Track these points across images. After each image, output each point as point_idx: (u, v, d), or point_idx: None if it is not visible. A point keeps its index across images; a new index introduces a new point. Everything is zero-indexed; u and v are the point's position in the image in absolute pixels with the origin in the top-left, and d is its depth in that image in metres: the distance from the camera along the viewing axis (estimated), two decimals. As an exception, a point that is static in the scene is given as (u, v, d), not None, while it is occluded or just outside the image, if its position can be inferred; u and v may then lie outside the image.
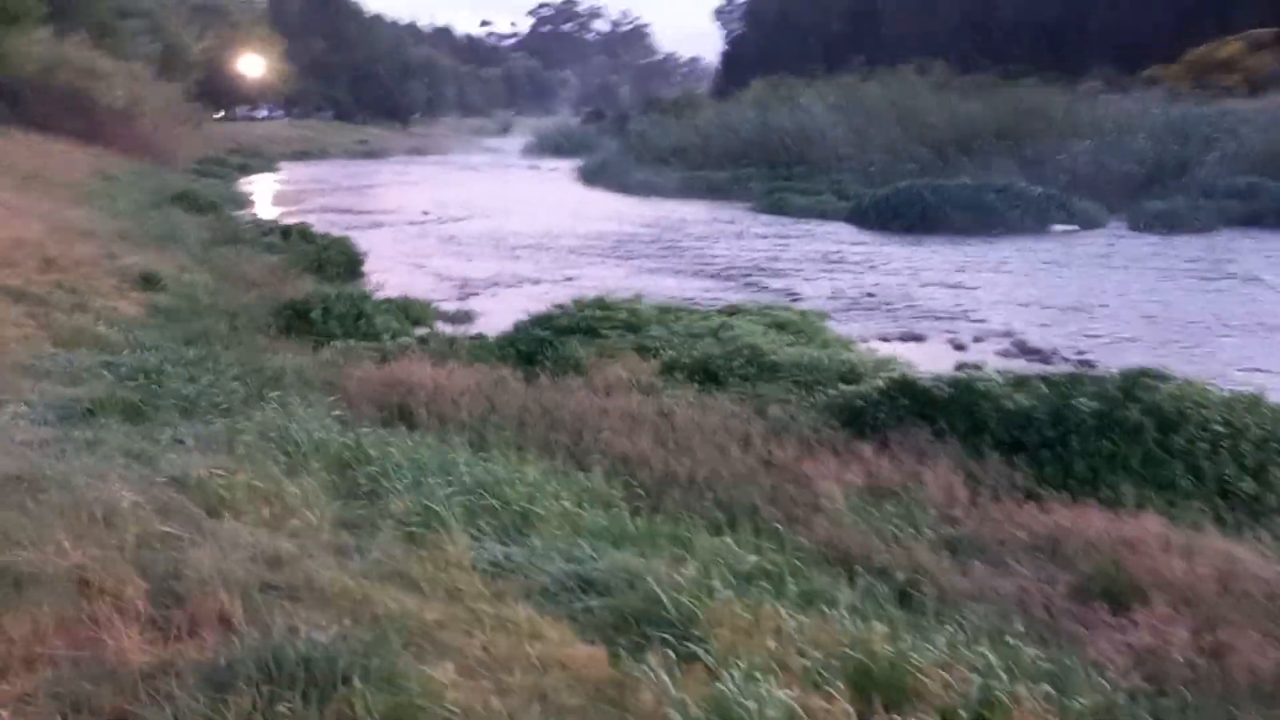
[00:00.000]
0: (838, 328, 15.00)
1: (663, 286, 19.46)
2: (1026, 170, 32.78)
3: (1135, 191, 30.67)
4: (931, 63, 46.19)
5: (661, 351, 11.37)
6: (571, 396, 9.49)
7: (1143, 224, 27.68)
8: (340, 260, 21.05)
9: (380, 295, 16.30)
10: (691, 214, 33.26)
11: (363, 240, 23.12)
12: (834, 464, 7.47)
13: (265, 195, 39.32)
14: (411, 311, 16.40)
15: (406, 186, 44.51)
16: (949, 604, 5.50)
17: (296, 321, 13.86)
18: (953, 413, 8.40)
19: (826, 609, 5.04)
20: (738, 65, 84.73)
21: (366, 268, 21.18)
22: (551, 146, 71.12)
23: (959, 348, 14.71)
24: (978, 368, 9.43)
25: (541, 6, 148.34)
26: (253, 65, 77.58)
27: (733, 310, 13.38)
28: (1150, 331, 15.63)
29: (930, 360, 12.41)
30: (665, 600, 4.92)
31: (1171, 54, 46.26)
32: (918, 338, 15.21)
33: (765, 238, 27.35)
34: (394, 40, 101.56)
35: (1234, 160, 30.58)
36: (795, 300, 18.14)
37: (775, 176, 37.48)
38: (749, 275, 21.15)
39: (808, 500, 6.83)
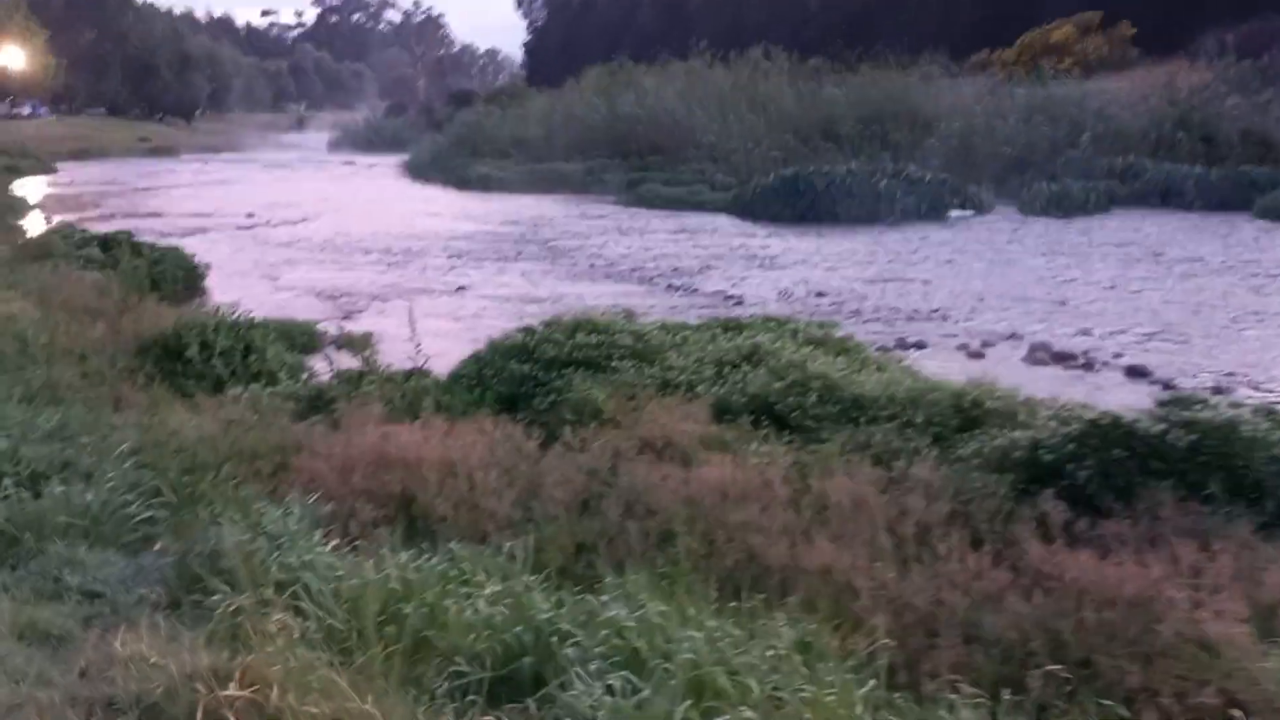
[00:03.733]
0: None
1: (578, 293, 16.78)
2: (895, 156, 31.53)
3: (1009, 175, 29.90)
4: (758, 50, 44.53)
5: (695, 389, 8.71)
6: (643, 468, 6.72)
7: (1037, 208, 26.77)
8: (178, 275, 17.45)
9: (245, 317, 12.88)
10: (551, 210, 30.51)
11: (192, 250, 19.31)
12: (1152, 566, 5.05)
13: (53, 201, 33.96)
14: (296, 338, 13.19)
15: (215, 187, 39.78)
16: None
17: (168, 362, 10.53)
18: (1205, 468, 6.16)
19: None
20: (542, 56, 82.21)
21: (208, 283, 17.73)
22: (361, 141, 66.83)
23: (975, 355, 12.66)
24: (1189, 396, 7.24)
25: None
26: (12, 58, 69.85)
27: (735, 325, 10.82)
28: (1159, 326, 14.03)
29: (958, 372, 10.17)
30: None
31: (992, 40, 46.20)
32: (919, 345, 13.05)
33: (654, 233, 24.91)
34: (171, 30, 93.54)
35: (1106, 141, 30.21)
36: (739, 304, 15.83)
37: (631, 167, 35.07)
38: (667, 277, 18.64)
39: (1181, 641, 4.39)
